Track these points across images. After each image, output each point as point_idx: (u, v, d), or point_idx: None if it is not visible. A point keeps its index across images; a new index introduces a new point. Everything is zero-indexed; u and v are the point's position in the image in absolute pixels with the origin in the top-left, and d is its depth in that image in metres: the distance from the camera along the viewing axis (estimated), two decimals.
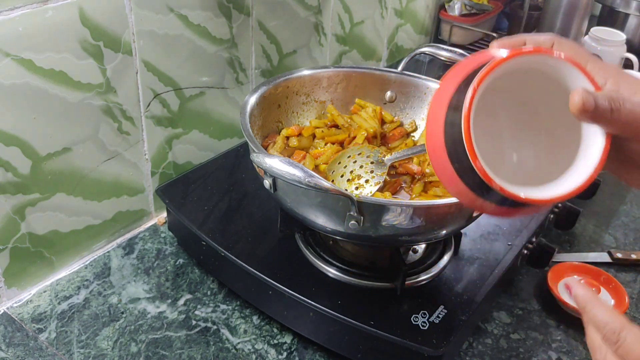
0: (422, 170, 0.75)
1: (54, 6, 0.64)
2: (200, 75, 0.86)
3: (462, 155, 0.41)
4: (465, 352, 0.71)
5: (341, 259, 0.72)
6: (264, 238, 0.75)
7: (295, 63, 1.05)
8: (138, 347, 0.68)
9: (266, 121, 0.77)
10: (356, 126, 0.81)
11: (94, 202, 0.78)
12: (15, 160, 0.67)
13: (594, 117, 0.39)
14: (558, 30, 1.32)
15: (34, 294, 0.74)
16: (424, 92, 0.83)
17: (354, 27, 1.18)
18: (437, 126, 0.43)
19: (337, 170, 0.72)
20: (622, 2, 1.39)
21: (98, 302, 0.74)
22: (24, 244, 0.72)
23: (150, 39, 0.76)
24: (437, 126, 0.43)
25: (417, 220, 0.60)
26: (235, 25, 0.88)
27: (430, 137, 0.44)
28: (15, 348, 0.67)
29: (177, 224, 0.80)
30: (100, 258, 0.81)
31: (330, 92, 0.84)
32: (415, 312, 0.65)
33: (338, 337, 0.66)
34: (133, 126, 0.79)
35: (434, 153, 0.44)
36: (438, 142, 0.43)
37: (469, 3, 1.45)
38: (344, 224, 0.60)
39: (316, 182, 0.55)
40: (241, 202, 0.82)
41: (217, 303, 0.75)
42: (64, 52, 0.67)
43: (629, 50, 1.31)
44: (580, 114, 0.39)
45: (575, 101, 0.39)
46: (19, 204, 0.69)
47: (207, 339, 0.70)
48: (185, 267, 0.80)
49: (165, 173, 0.88)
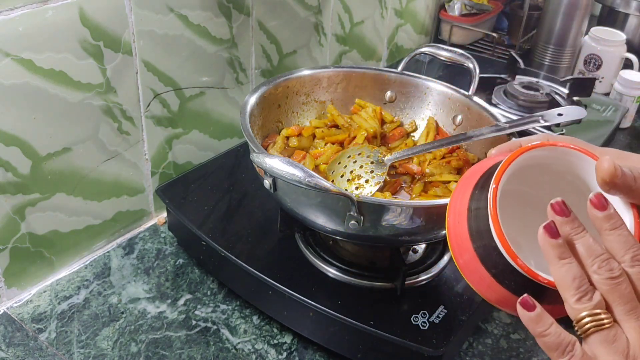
0: (422, 170, 0.75)
1: (54, 6, 0.64)
2: (200, 75, 0.86)
3: (498, 260, 0.40)
4: (465, 352, 0.71)
5: (341, 259, 0.72)
6: (264, 238, 0.75)
7: (295, 63, 1.05)
8: (138, 347, 0.68)
9: (266, 121, 0.77)
10: (356, 126, 0.81)
11: (94, 202, 0.78)
12: (15, 160, 0.67)
13: (620, 185, 0.40)
14: (558, 30, 1.32)
15: (34, 294, 0.74)
16: (424, 92, 0.83)
17: (354, 27, 1.18)
18: (461, 240, 0.42)
19: (337, 170, 0.72)
20: (622, 2, 1.39)
21: (98, 302, 0.74)
22: (24, 244, 0.72)
23: (150, 39, 0.76)
24: (461, 240, 0.42)
25: (417, 220, 0.60)
26: (235, 25, 0.88)
27: (459, 254, 0.43)
28: (15, 348, 0.67)
29: (177, 224, 0.80)
30: (100, 258, 0.81)
31: (330, 92, 0.84)
32: (415, 312, 0.65)
33: (338, 337, 0.66)
34: (133, 126, 0.79)
35: (467, 268, 0.43)
36: (468, 256, 0.42)
37: (469, 3, 1.45)
38: (344, 224, 0.60)
39: (316, 182, 0.55)
40: (241, 202, 0.82)
41: (217, 303, 0.75)
42: (64, 52, 0.67)
43: (629, 50, 1.31)
44: (609, 180, 0.39)
45: (605, 167, 0.39)
46: (19, 204, 0.69)
47: (207, 339, 0.70)
48: (185, 267, 0.80)
49: (165, 173, 0.88)
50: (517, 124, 0.71)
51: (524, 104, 1.09)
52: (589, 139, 1.01)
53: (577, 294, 0.39)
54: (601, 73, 1.32)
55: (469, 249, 0.42)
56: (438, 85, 0.82)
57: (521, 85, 1.11)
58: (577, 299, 0.39)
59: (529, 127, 0.73)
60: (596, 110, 1.13)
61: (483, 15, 1.46)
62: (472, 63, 0.77)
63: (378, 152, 0.74)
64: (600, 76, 1.32)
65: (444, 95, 0.82)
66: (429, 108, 0.83)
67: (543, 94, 1.09)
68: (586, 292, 0.39)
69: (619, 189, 0.40)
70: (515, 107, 1.09)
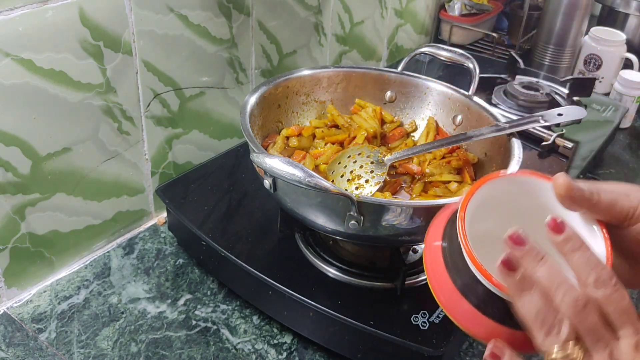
0: (422, 170, 0.75)
1: (54, 6, 0.64)
2: (200, 75, 0.86)
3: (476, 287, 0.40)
4: (465, 352, 0.71)
5: (341, 259, 0.72)
6: (264, 238, 0.75)
7: (295, 63, 1.05)
8: (138, 347, 0.68)
9: (266, 121, 0.77)
10: (356, 126, 0.81)
11: (94, 202, 0.78)
12: (15, 160, 0.67)
13: (579, 199, 0.40)
14: (558, 30, 1.32)
15: (34, 294, 0.74)
16: (424, 92, 0.83)
17: (354, 27, 1.18)
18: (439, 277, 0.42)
19: (337, 170, 0.72)
20: (622, 2, 1.39)
21: (98, 302, 0.74)
22: (24, 244, 0.72)
23: (150, 39, 0.76)
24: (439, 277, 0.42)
25: (417, 220, 0.60)
26: (235, 25, 0.88)
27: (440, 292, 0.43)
28: (15, 348, 0.67)
29: (177, 224, 0.80)
30: (100, 258, 0.81)
31: (330, 92, 0.84)
32: (415, 312, 0.65)
33: (338, 337, 0.66)
34: (133, 126, 0.79)
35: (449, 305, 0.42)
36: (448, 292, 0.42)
37: (469, 3, 1.45)
38: (344, 224, 0.60)
39: (316, 182, 0.55)
40: (241, 202, 0.82)
41: (217, 303, 0.75)
42: (64, 52, 0.67)
43: (629, 50, 1.31)
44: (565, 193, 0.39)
45: (560, 182, 0.39)
46: (19, 204, 0.69)
47: (207, 339, 0.70)
48: (185, 267, 0.80)
49: (165, 173, 0.88)
50: (517, 124, 0.71)
51: (524, 104, 1.08)
52: (589, 139, 1.02)
53: (544, 329, 0.37)
54: (601, 73, 1.32)
55: (448, 284, 0.42)
56: (438, 85, 0.82)
57: (521, 85, 1.11)
58: (545, 335, 0.37)
59: (529, 127, 0.73)
60: (596, 110, 1.13)
61: (483, 15, 1.46)
62: (472, 63, 0.77)
63: (378, 152, 0.74)
64: (600, 76, 1.32)
65: (444, 95, 0.82)
66: (429, 108, 0.83)
67: (543, 94, 1.09)
68: (553, 326, 0.36)
69: (579, 203, 0.40)
70: (515, 107, 1.09)
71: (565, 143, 0.98)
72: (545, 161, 0.96)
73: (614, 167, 1.10)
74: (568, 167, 0.95)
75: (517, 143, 0.69)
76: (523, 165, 0.65)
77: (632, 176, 1.07)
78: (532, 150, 0.98)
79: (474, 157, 0.77)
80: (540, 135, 0.99)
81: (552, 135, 0.98)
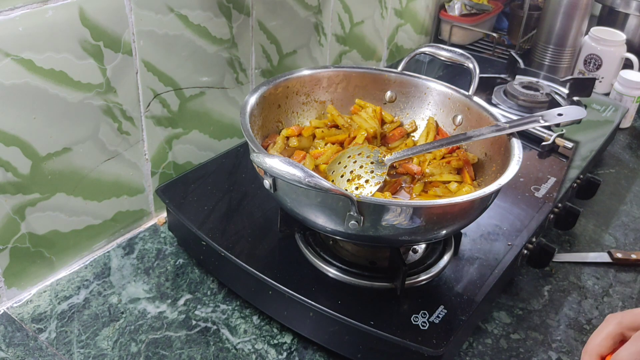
0: (422, 170, 0.75)
1: (54, 6, 0.64)
2: (200, 75, 0.86)
3: None
4: (465, 352, 0.71)
5: (341, 259, 0.72)
6: (264, 238, 0.75)
7: (295, 63, 1.05)
8: (138, 347, 0.68)
9: (266, 121, 0.77)
10: (356, 126, 0.81)
11: (94, 202, 0.78)
12: (15, 160, 0.67)
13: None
14: (558, 30, 1.32)
15: (34, 294, 0.74)
16: (424, 92, 0.83)
17: (354, 27, 1.18)
18: None
19: (337, 170, 0.73)
20: (622, 2, 1.39)
21: (98, 302, 0.74)
22: (24, 244, 0.72)
23: (150, 39, 0.76)
24: None
25: (417, 220, 0.60)
26: (235, 25, 0.88)
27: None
28: (15, 348, 0.67)
29: (177, 224, 0.80)
30: (100, 258, 0.81)
31: (330, 92, 0.84)
32: (415, 312, 0.65)
33: (338, 337, 0.66)
34: (133, 126, 0.79)
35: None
36: None
37: (469, 3, 1.45)
38: (344, 224, 0.60)
39: (316, 182, 0.55)
40: (241, 202, 0.82)
41: (217, 303, 0.75)
42: (64, 52, 0.67)
43: (629, 50, 1.31)
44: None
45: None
46: (19, 204, 0.69)
47: (207, 339, 0.70)
48: (185, 267, 0.80)
49: (165, 173, 0.88)
50: (517, 124, 0.71)
51: (524, 104, 1.09)
52: (589, 139, 1.02)
53: None
54: (601, 73, 1.32)
55: None
56: (438, 85, 0.82)
57: (521, 85, 1.11)
58: None
59: (529, 127, 0.73)
60: (596, 110, 1.13)
61: (483, 15, 1.46)
62: (472, 63, 0.77)
63: (378, 152, 0.74)
64: (600, 76, 1.32)
65: (444, 95, 0.82)
66: (429, 108, 0.83)
67: (543, 94, 1.09)
68: None
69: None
70: (515, 107, 1.09)
71: (565, 143, 0.98)
72: (545, 161, 0.96)
73: (614, 167, 1.10)
74: (568, 167, 0.95)
75: (517, 143, 0.69)
76: (523, 165, 0.65)
77: (632, 176, 1.07)
78: (532, 150, 0.98)
79: (474, 157, 0.77)
80: (540, 135, 0.99)
81: (552, 135, 0.98)
